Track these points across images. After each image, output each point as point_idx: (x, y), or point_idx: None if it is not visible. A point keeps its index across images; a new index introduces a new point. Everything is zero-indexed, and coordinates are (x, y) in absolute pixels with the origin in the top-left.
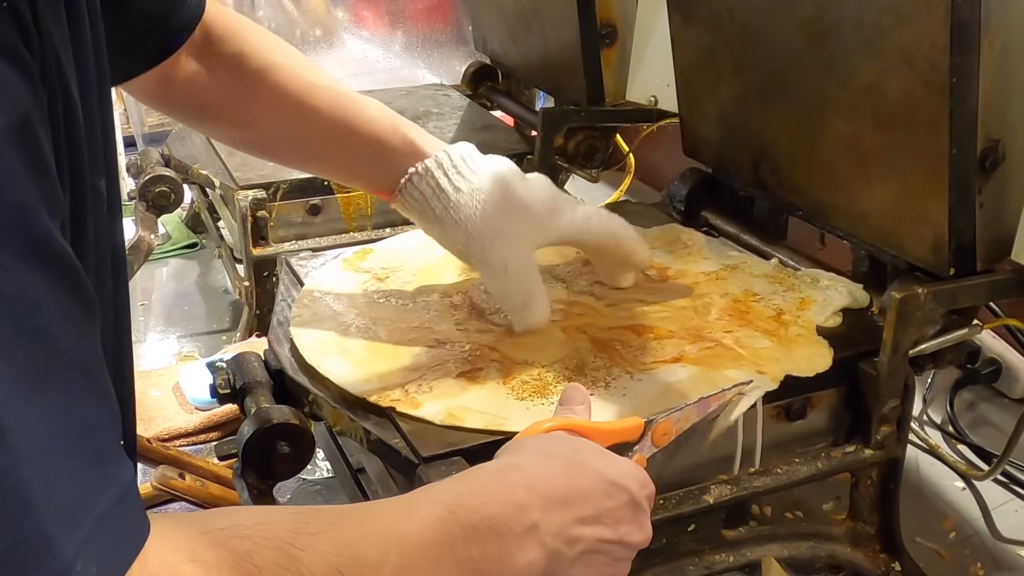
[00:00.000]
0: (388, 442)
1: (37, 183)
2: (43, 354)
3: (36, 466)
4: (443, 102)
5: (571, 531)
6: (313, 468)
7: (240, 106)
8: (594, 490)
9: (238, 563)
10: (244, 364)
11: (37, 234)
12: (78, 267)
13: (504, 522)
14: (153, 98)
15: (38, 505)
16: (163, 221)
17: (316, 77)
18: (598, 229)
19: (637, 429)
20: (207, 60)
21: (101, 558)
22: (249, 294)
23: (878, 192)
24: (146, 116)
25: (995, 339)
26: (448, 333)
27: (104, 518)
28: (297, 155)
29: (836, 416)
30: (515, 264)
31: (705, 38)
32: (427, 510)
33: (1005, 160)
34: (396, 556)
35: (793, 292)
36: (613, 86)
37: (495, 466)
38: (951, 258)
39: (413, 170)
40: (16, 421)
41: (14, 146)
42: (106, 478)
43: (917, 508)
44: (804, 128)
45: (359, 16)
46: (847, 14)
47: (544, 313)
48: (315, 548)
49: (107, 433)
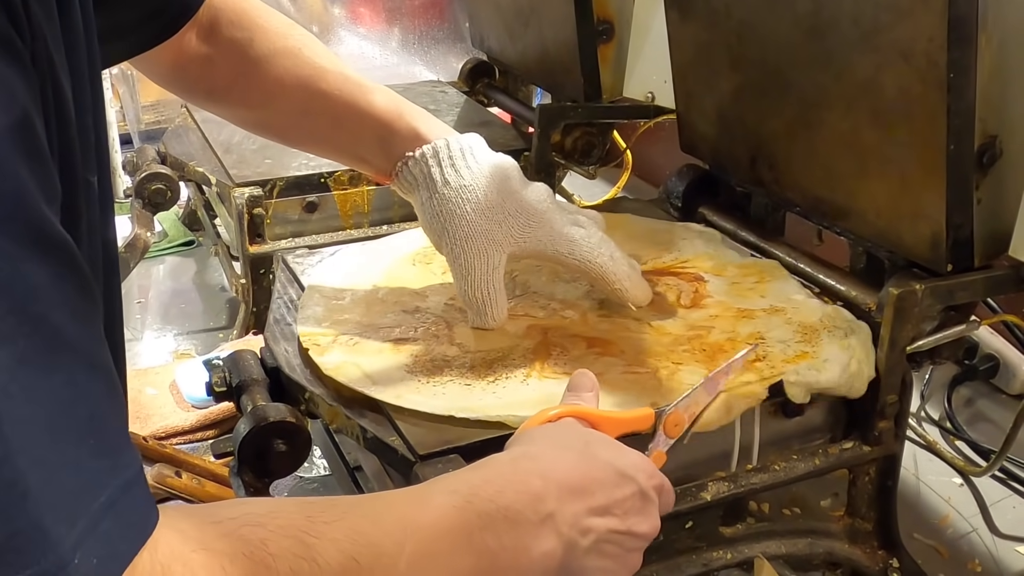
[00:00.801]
0: (385, 440)
1: (35, 174)
2: (45, 342)
3: (34, 457)
4: (440, 99)
5: (584, 521)
6: (310, 466)
7: (248, 89)
8: (605, 481)
9: (252, 552)
10: (240, 362)
11: (37, 223)
12: (78, 256)
13: (520, 511)
14: (162, 78)
15: (35, 497)
16: (159, 218)
17: (326, 62)
18: (580, 255)
19: (648, 420)
20: (216, 42)
21: (104, 548)
22: (246, 292)
23: (875, 188)
24: (142, 114)
25: (993, 335)
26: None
27: (110, 506)
28: (305, 138)
29: (834, 412)
30: (480, 270)
31: (702, 34)
32: (443, 499)
33: (1002, 156)
34: (412, 545)
35: (805, 344)
36: (610, 82)
37: (509, 456)
38: (949, 254)
39: (410, 154)
40: (14, 411)
41: (13, 137)
42: (112, 466)
43: (915, 504)
44: (801, 124)
45: (356, 13)
46: (844, 9)
47: (498, 319)
48: (330, 536)
49: (112, 421)
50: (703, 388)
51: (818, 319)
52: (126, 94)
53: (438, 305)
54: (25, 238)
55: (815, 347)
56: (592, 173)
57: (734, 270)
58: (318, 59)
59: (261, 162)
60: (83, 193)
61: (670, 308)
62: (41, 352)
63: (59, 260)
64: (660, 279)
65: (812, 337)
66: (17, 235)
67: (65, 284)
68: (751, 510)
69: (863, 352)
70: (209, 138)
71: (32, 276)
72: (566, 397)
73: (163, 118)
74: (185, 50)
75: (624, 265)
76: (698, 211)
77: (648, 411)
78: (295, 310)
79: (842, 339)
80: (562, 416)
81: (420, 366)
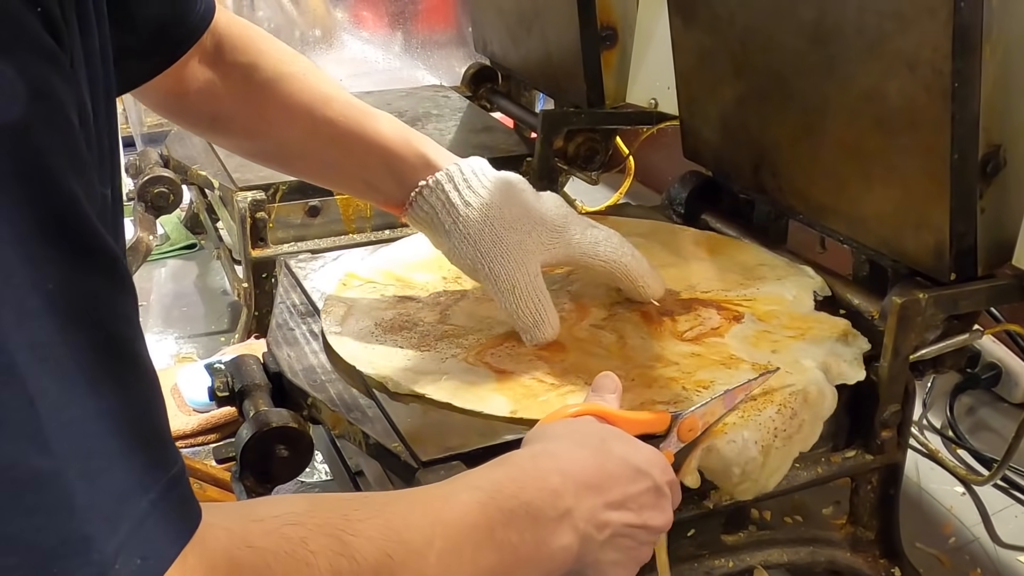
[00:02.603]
0: (387, 446)
1: (81, 184)
2: (100, 347)
3: (80, 468)
4: (443, 103)
5: (601, 516)
6: (311, 471)
7: (253, 116)
8: (620, 476)
9: (293, 549)
10: (243, 367)
11: (89, 232)
12: (122, 260)
13: (540, 507)
14: (165, 107)
15: (80, 507)
16: (162, 222)
17: (330, 89)
18: (605, 255)
19: (664, 422)
20: (220, 70)
21: (148, 548)
22: (248, 295)
23: (879, 196)
24: (145, 116)
25: (995, 344)
26: None
27: (154, 506)
28: (310, 167)
29: (836, 421)
30: (523, 283)
31: (706, 41)
32: (467, 496)
33: (1006, 165)
34: (440, 541)
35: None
36: (613, 88)
37: (529, 452)
38: (952, 263)
39: (424, 183)
40: (64, 422)
41: (64, 150)
42: (157, 466)
43: (917, 513)
44: (805, 132)
45: (359, 17)
46: (849, 18)
47: (553, 330)
48: (365, 534)
49: (158, 420)
50: (721, 400)
51: (787, 396)
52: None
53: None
54: (80, 247)
55: (741, 419)
56: (595, 179)
57: (785, 319)
58: (322, 85)
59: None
60: (98, 206)
61: (667, 334)
62: (96, 357)
63: (109, 267)
64: (701, 308)
65: (749, 411)
66: (72, 245)
67: (115, 290)
68: (753, 518)
69: (774, 462)
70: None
71: (88, 284)
72: (589, 397)
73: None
74: (188, 76)
75: (644, 263)
76: (700, 218)
77: (665, 414)
78: (297, 315)
79: (772, 439)
80: (581, 414)
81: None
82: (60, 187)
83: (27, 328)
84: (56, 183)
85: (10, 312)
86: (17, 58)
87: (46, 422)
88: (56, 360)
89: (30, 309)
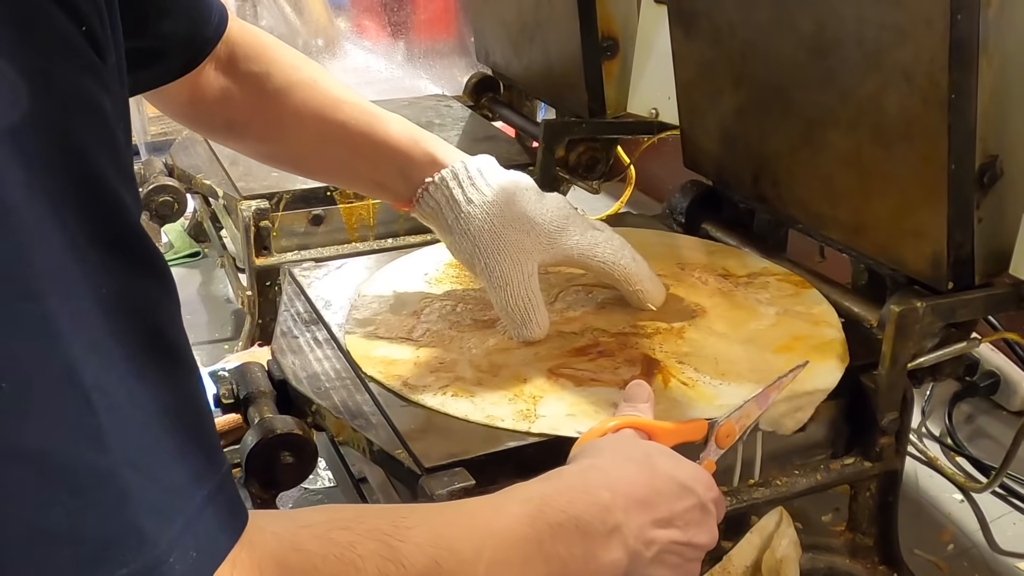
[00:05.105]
0: (391, 452)
1: (127, 190)
2: (155, 348)
3: (135, 464)
4: (445, 113)
5: (649, 533)
6: (315, 477)
7: (267, 123)
8: (668, 493)
9: (342, 553)
10: (247, 374)
11: (138, 236)
12: (164, 261)
13: (589, 522)
14: (183, 115)
15: (134, 499)
16: (166, 230)
17: (342, 93)
18: (603, 256)
19: (701, 430)
20: (234, 78)
21: (200, 544)
22: (251, 304)
23: (877, 206)
24: (149, 125)
25: (993, 352)
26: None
27: (206, 504)
28: (323, 169)
29: (835, 428)
30: (516, 280)
31: (706, 52)
32: (517, 508)
33: (1003, 175)
34: (490, 551)
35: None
36: (614, 98)
37: (577, 468)
38: (950, 272)
39: (430, 180)
40: (119, 419)
41: (110, 159)
42: (208, 465)
43: (915, 520)
44: (804, 142)
45: (361, 26)
46: (847, 30)
47: (542, 328)
48: (414, 540)
49: (207, 418)
50: (755, 401)
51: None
52: (133, 105)
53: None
54: (131, 252)
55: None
56: (596, 188)
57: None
58: (333, 90)
59: (267, 175)
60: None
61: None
62: (149, 358)
63: (157, 269)
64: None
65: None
66: (125, 250)
67: (163, 291)
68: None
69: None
70: (216, 150)
71: (139, 288)
72: (622, 408)
73: (170, 130)
74: (203, 84)
75: (645, 267)
76: (701, 227)
77: (701, 422)
78: (301, 323)
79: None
80: (620, 427)
81: None
82: (115, 198)
83: (84, 329)
84: (110, 193)
85: (68, 317)
86: (70, 76)
87: (102, 419)
88: (112, 360)
89: (85, 311)
